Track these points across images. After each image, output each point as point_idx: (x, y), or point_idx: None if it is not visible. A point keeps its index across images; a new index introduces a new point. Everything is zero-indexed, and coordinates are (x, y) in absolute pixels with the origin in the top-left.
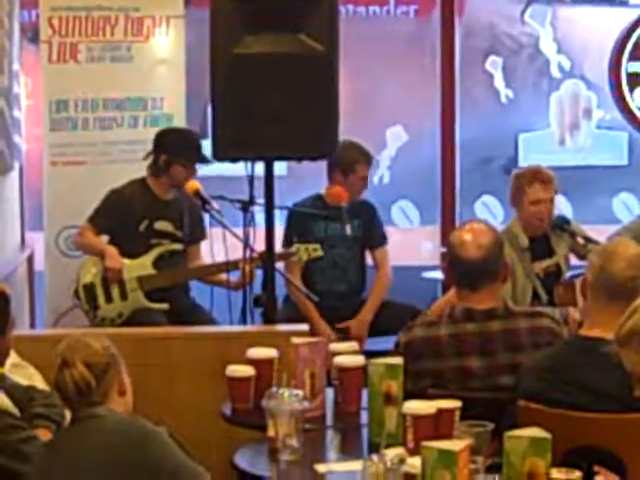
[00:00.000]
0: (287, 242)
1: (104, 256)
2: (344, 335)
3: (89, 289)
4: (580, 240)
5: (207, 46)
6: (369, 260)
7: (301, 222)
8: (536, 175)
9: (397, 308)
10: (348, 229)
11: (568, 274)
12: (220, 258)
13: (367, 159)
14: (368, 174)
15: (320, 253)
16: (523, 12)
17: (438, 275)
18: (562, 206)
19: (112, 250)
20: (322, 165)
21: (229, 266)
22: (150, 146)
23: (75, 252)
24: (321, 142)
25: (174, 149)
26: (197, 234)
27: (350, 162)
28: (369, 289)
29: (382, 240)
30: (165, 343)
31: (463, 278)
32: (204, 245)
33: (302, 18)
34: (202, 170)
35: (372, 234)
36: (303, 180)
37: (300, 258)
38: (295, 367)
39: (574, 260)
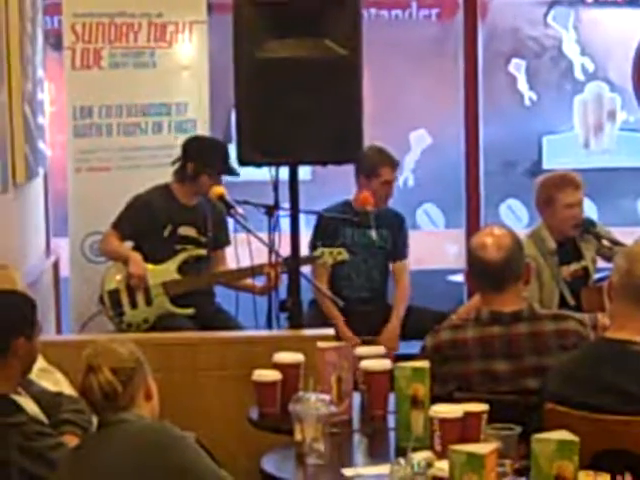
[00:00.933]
0: (312, 247)
1: (127, 262)
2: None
3: (114, 295)
4: (606, 242)
5: (230, 51)
6: None
7: (329, 228)
8: (566, 180)
9: (422, 313)
10: (374, 234)
11: (595, 277)
12: (245, 263)
13: (391, 163)
14: (393, 178)
15: (345, 256)
16: (546, 15)
17: (462, 279)
18: (587, 208)
19: (135, 256)
20: (346, 169)
21: (254, 271)
22: (174, 152)
23: (100, 258)
24: (345, 146)
25: (203, 159)
26: (221, 239)
27: (373, 166)
28: (392, 296)
29: (404, 253)
30: (191, 348)
31: (486, 280)
32: (229, 250)
33: (325, 22)
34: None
35: (397, 246)
36: (328, 184)
37: (325, 262)
38: (322, 371)
39: (600, 263)
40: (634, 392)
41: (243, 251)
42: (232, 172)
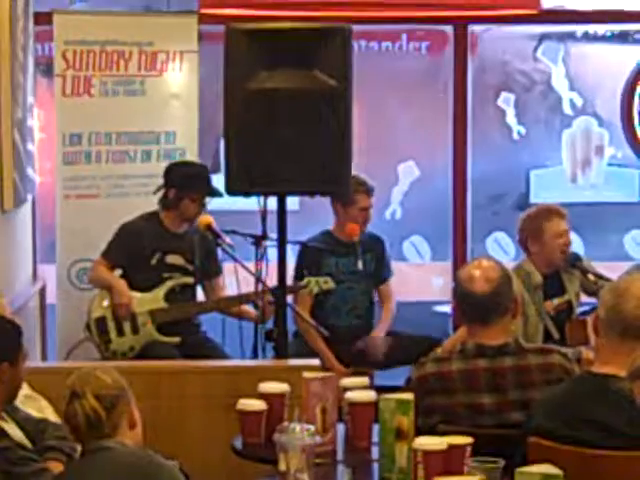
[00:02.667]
0: (298, 277)
1: (112, 292)
2: (358, 366)
3: (100, 323)
4: (591, 277)
5: (220, 81)
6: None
7: (313, 258)
8: (552, 210)
9: (411, 340)
10: (360, 264)
11: (578, 311)
12: (232, 292)
13: (366, 190)
14: (369, 205)
15: (332, 285)
16: (535, 49)
17: (449, 309)
18: (574, 243)
19: (120, 285)
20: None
21: (242, 299)
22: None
23: (87, 285)
24: (334, 177)
25: (183, 184)
26: (212, 269)
27: (349, 194)
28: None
29: (388, 275)
30: (176, 377)
31: (473, 313)
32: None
33: (316, 54)
34: (215, 204)
35: (381, 269)
36: (315, 215)
37: (311, 290)
38: (306, 402)
39: (584, 297)
40: (618, 427)
41: (230, 280)
42: (214, 193)
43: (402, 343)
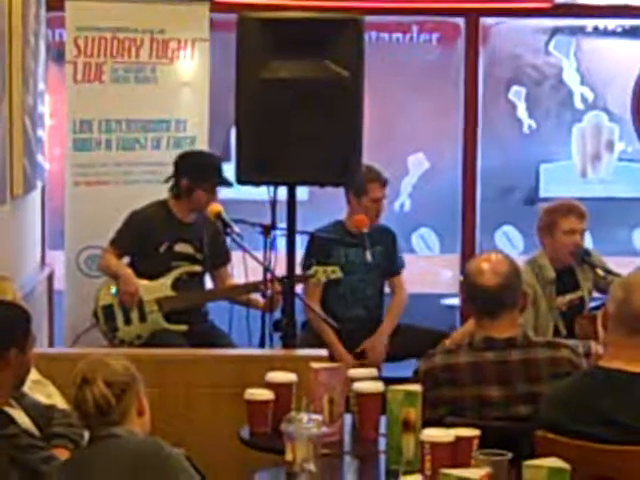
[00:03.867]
0: (306, 266)
1: (118, 280)
2: (363, 360)
3: (108, 310)
4: (600, 272)
5: (231, 69)
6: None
7: (321, 248)
8: (571, 208)
9: (419, 332)
10: (368, 255)
11: (589, 306)
12: (240, 281)
13: (379, 180)
14: (382, 195)
15: (339, 274)
16: (547, 43)
17: (457, 302)
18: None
19: (127, 273)
20: (343, 191)
21: (249, 288)
22: (172, 168)
23: (95, 272)
24: (344, 168)
25: (195, 174)
26: (221, 258)
27: (362, 184)
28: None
29: (400, 266)
30: (184, 365)
31: (482, 306)
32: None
33: (328, 43)
34: (224, 193)
35: (392, 261)
36: (324, 205)
37: (319, 279)
38: (314, 392)
39: (594, 293)
40: (626, 422)
41: (238, 269)
42: (226, 183)
43: (411, 335)
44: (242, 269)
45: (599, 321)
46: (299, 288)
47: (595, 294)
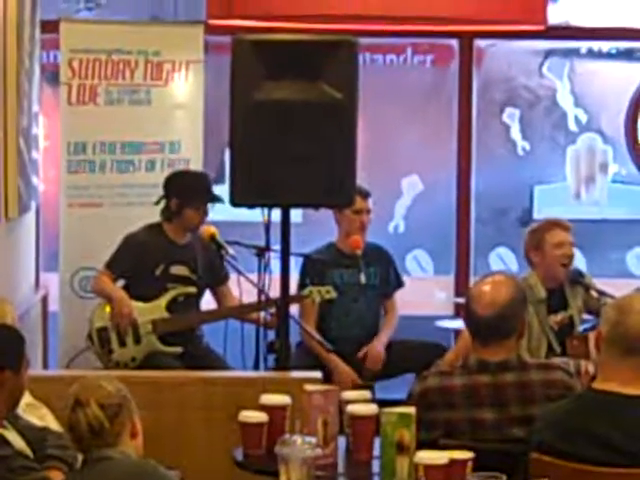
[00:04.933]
0: (301, 288)
1: (112, 303)
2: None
3: (102, 333)
4: (594, 294)
5: (225, 91)
6: None
7: (315, 270)
8: (555, 222)
9: (413, 346)
10: (363, 278)
11: (581, 327)
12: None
13: (360, 192)
14: (364, 207)
15: (334, 294)
16: (541, 65)
17: (451, 324)
18: (576, 259)
19: (121, 295)
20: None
21: (244, 310)
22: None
23: (89, 294)
24: (338, 190)
25: (183, 193)
26: (221, 275)
27: None
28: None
29: (396, 287)
30: (178, 387)
31: (474, 332)
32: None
33: (322, 65)
34: (219, 215)
35: (388, 282)
36: (318, 227)
37: (313, 300)
38: (308, 414)
39: (584, 313)
40: (619, 444)
41: (233, 291)
42: (215, 200)
43: (404, 350)
44: (236, 291)
45: (591, 342)
46: (294, 309)
47: (586, 315)
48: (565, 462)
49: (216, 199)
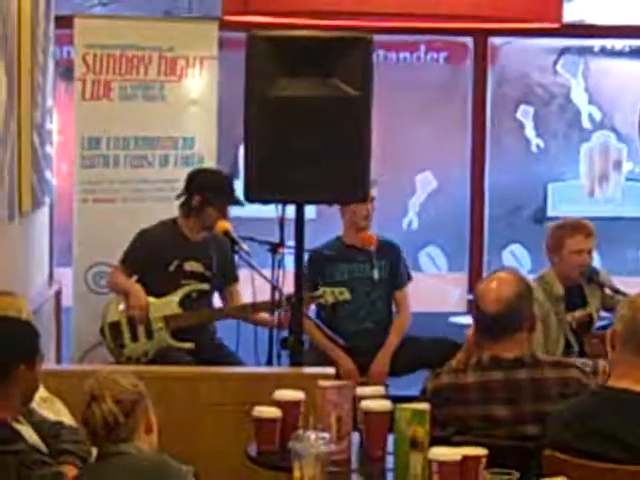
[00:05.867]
0: (312, 285)
1: (128, 295)
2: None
3: (115, 327)
4: (608, 291)
5: (239, 87)
6: None
7: (321, 265)
8: (578, 227)
9: (425, 343)
10: (375, 273)
11: (597, 324)
12: (248, 299)
13: None
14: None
15: (347, 296)
16: (555, 62)
17: (465, 321)
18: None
19: (137, 289)
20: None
21: (257, 308)
22: (180, 185)
23: (103, 289)
24: (353, 186)
25: (208, 192)
26: (230, 275)
27: None
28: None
29: (405, 281)
30: (191, 383)
31: (483, 329)
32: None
33: (336, 62)
34: (233, 211)
35: (397, 275)
36: (332, 223)
37: (327, 301)
38: (322, 410)
39: (601, 311)
40: (633, 442)
41: (246, 287)
42: (237, 202)
43: (417, 347)
44: (250, 287)
45: (607, 340)
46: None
47: (603, 313)
48: (579, 459)
49: (238, 202)
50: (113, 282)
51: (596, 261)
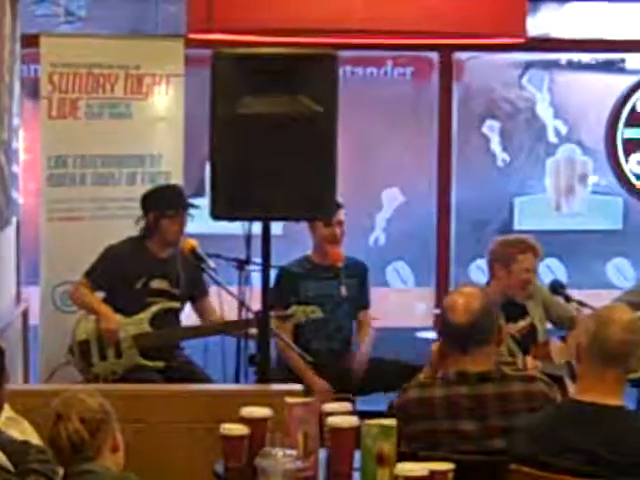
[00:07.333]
0: (281, 303)
1: (99, 317)
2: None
3: (84, 346)
4: (574, 304)
5: (206, 104)
6: None
7: (291, 282)
8: (531, 246)
9: (390, 365)
10: (344, 290)
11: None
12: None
13: None
14: (337, 219)
15: (319, 314)
16: (521, 77)
17: (431, 335)
18: (556, 270)
19: (107, 311)
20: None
21: (227, 328)
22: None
23: (70, 307)
24: (319, 203)
25: (158, 205)
26: (200, 289)
27: None
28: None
29: (368, 302)
30: (159, 401)
31: (453, 342)
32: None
33: (302, 79)
34: (199, 228)
35: (363, 295)
36: (299, 240)
37: (298, 319)
38: (289, 427)
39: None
40: (599, 454)
41: (213, 304)
42: (189, 206)
43: (384, 368)
44: (217, 304)
45: (552, 345)
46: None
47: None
48: (545, 473)
49: (189, 206)
50: (80, 298)
51: (562, 274)
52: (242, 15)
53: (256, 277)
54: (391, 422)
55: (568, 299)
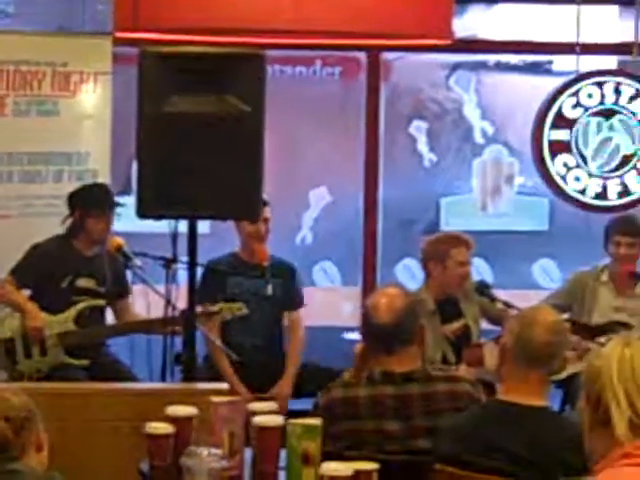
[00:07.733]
0: (206, 299)
1: (24, 315)
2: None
3: (8, 344)
4: (499, 305)
5: (133, 102)
6: None
7: (218, 279)
8: (461, 239)
9: (316, 370)
10: (269, 289)
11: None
12: (141, 312)
13: None
14: (262, 217)
15: (245, 311)
16: (448, 77)
17: (357, 336)
18: (482, 270)
19: (33, 308)
20: None
21: (152, 326)
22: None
23: None
24: (245, 202)
25: (84, 204)
26: (122, 289)
27: None
28: (286, 348)
29: (299, 304)
30: (83, 399)
31: (377, 342)
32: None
33: (229, 78)
34: (126, 226)
35: (290, 296)
36: (225, 238)
37: (224, 317)
38: (214, 426)
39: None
40: (522, 454)
41: (140, 303)
42: (115, 205)
43: (310, 374)
44: (144, 302)
45: (485, 349)
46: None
47: (488, 325)
48: (468, 473)
49: (116, 204)
50: (5, 297)
51: (488, 274)
52: (168, 14)
53: (183, 275)
54: (316, 422)
55: (494, 300)
